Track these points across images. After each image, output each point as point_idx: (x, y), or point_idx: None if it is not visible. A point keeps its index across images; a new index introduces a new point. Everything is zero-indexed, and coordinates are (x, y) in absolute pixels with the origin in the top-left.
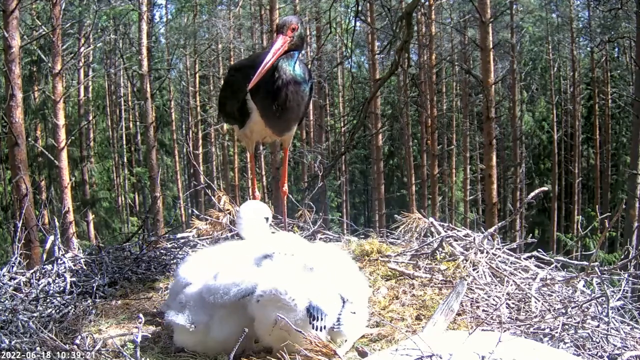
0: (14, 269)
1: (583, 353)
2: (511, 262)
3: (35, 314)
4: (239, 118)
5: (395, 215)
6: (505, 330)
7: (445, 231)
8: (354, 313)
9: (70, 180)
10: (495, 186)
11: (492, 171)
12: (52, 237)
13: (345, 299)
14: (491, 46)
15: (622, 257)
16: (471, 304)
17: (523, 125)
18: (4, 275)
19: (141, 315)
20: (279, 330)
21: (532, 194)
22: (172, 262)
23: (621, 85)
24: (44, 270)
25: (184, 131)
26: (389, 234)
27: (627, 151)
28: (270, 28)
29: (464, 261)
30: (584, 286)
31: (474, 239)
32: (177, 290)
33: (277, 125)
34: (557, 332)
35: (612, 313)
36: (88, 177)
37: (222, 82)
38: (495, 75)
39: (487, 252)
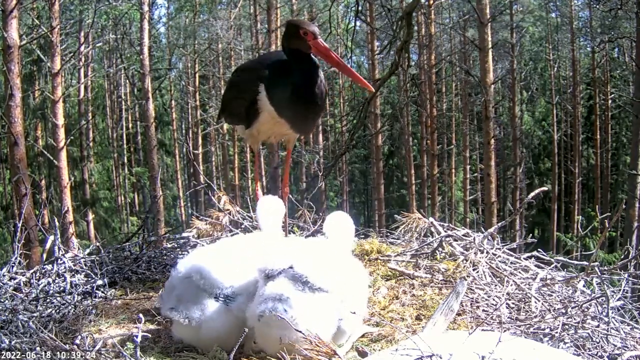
0: (14, 269)
1: (583, 353)
2: (511, 262)
3: (35, 314)
4: (246, 119)
5: (395, 215)
6: (505, 330)
7: (445, 231)
8: (354, 313)
9: (70, 180)
10: (494, 185)
11: (491, 170)
12: (52, 237)
13: (343, 307)
14: (490, 46)
15: (622, 257)
16: (471, 304)
17: (523, 125)
18: (4, 275)
19: (141, 315)
20: (282, 343)
21: (532, 194)
22: (172, 262)
23: (621, 85)
24: (44, 270)
25: (184, 131)
26: (389, 234)
27: (627, 151)
28: (268, 28)
29: (464, 261)
30: (584, 286)
31: (474, 238)
32: (172, 284)
33: (307, 127)
34: (557, 332)
35: (612, 313)
36: (88, 176)
37: (227, 83)
38: (495, 75)
39: (487, 252)
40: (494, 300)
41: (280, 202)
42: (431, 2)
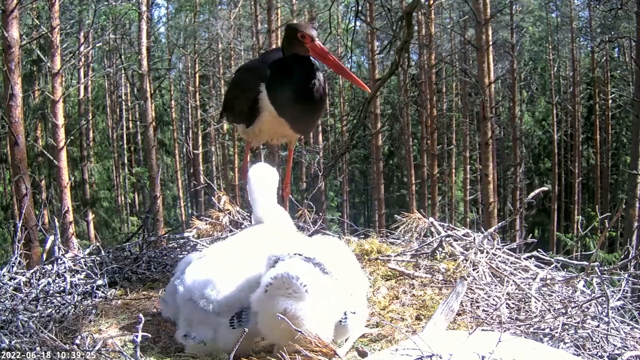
0: (14, 269)
1: (583, 353)
2: (511, 262)
3: (35, 314)
4: (247, 118)
5: (395, 215)
6: (505, 330)
7: (445, 231)
8: (354, 313)
9: (70, 180)
10: (492, 186)
11: (489, 171)
12: (52, 237)
13: (351, 298)
14: (487, 46)
15: (622, 257)
16: (471, 304)
17: (523, 125)
18: (4, 275)
19: (141, 315)
20: (286, 324)
21: (532, 193)
22: (172, 262)
23: (621, 85)
24: (44, 270)
25: (184, 131)
26: (389, 234)
27: (627, 151)
28: (268, 28)
29: (464, 261)
30: (584, 286)
31: (474, 238)
32: (176, 303)
33: (307, 127)
34: (557, 332)
35: (612, 313)
36: (88, 176)
37: (230, 82)
38: (495, 75)
39: (487, 252)
40: (494, 300)
41: (273, 169)
42: (431, 2)
